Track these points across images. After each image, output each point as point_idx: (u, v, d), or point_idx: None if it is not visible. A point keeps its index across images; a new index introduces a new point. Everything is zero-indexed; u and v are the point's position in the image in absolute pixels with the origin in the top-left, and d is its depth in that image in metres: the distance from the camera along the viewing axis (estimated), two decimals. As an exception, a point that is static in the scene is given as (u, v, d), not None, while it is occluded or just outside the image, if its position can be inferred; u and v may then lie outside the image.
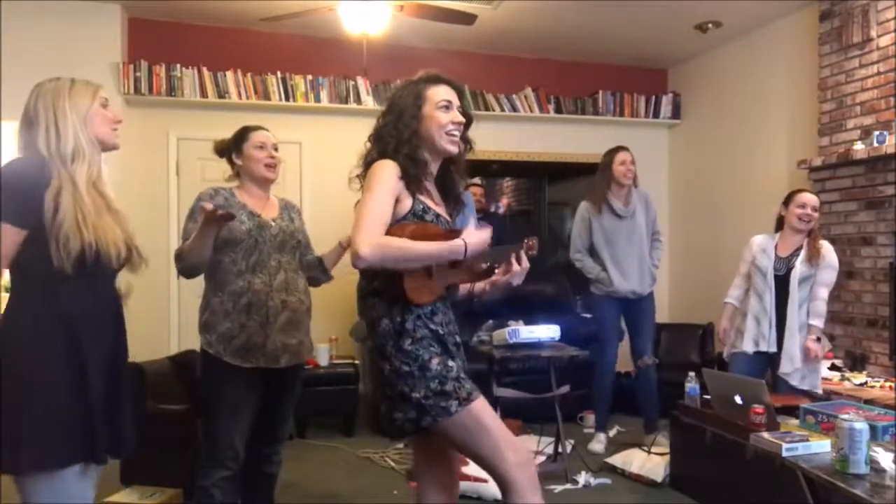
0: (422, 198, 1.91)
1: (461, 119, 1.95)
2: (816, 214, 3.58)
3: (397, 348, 1.85)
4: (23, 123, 1.85)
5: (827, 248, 3.56)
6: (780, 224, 3.70)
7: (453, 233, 1.91)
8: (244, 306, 2.54)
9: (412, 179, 1.88)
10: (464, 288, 2.08)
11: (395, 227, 1.84)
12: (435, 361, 1.84)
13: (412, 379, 1.83)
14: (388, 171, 1.85)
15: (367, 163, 1.94)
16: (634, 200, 4.35)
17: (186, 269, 2.52)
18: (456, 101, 1.96)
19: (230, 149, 2.70)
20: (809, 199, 3.58)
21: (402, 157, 1.88)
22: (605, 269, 4.29)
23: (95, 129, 1.87)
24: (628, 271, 4.27)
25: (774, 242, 3.64)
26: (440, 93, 1.94)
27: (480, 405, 1.85)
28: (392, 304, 1.87)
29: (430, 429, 1.84)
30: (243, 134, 2.70)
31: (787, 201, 3.65)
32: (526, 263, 1.95)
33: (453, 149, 1.95)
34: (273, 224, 2.64)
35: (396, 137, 1.90)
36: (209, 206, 2.29)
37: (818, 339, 3.52)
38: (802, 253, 3.53)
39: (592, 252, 4.36)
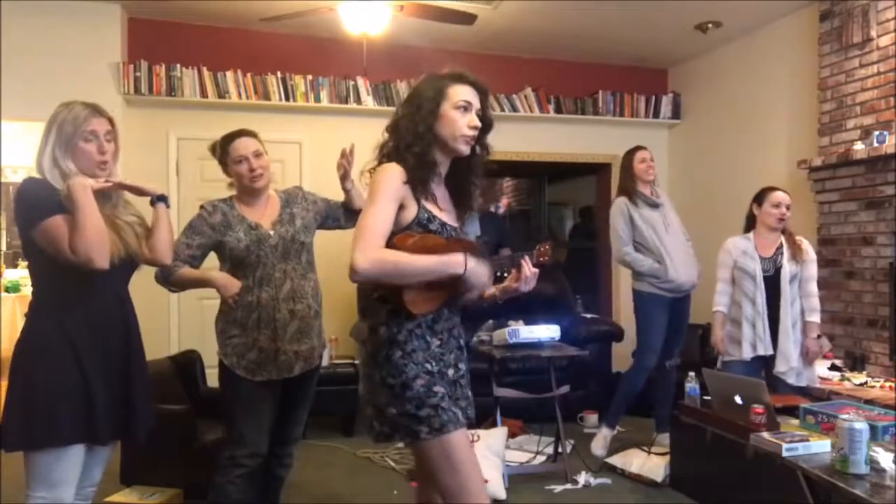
0: (427, 205, 1.86)
1: (477, 123, 1.90)
2: (789, 212, 3.60)
3: (386, 358, 1.84)
4: None
5: (806, 242, 3.64)
6: (750, 223, 3.70)
7: (457, 243, 1.86)
8: (255, 322, 2.57)
9: (419, 182, 1.84)
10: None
11: (397, 237, 1.80)
12: (419, 382, 1.80)
13: (392, 393, 1.81)
14: (390, 177, 1.81)
15: (382, 155, 1.91)
16: (660, 193, 4.34)
17: (167, 286, 2.60)
18: (476, 104, 1.91)
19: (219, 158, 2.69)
20: (783, 197, 3.61)
21: (411, 156, 1.84)
22: (658, 260, 4.10)
23: (77, 162, 2.03)
24: (678, 260, 4.14)
25: (752, 243, 3.62)
26: (461, 92, 1.89)
27: (455, 440, 1.80)
28: (391, 312, 1.85)
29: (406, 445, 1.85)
30: (225, 145, 2.64)
31: (760, 200, 3.65)
32: (533, 269, 1.92)
33: (465, 149, 1.90)
34: (272, 234, 2.61)
35: (412, 131, 1.86)
36: (231, 297, 2.55)
37: (818, 336, 3.52)
38: (786, 252, 3.55)
39: (637, 247, 4.17)
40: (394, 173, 1.82)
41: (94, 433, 2.01)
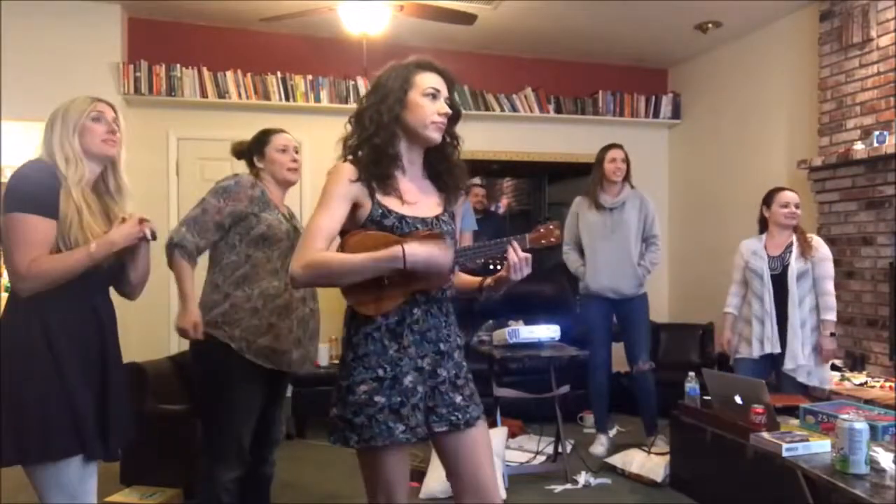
0: (384, 200, 1.78)
1: (447, 111, 1.83)
2: (799, 211, 3.62)
3: (342, 360, 1.84)
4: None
5: (817, 240, 3.64)
6: (764, 225, 3.72)
7: (409, 236, 1.75)
8: (278, 308, 2.48)
9: (373, 177, 1.78)
10: (468, 284, 1.96)
11: (345, 236, 1.77)
12: (362, 388, 1.75)
13: (338, 395, 1.80)
14: (336, 179, 1.77)
15: (346, 148, 1.85)
16: (625, 197, 4.30)
17: (167, 258, 2.51)
18: (444, 92, 1.84)
19: (251, 151, 2.68)
20: (791, 196, 3.63)
21: (369, 148, 1.78)
22: (584, 263, 4.32)
23: (84, 141, 2.00)
24: (603, 267, 4.24)
25: (763, 243, 3.65)
26: (428, 80, 1.83)
27: (379, 457, 1.79)
28: (351, 315, 1.83)
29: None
30: (265, 137, 2.67)
31: (769, 201, 3.67)
32: (522, 254, 1.78)
33: (436, 136, 1.83)
34: (301, 231, 2.63)
35: (376, 121, 1.79)
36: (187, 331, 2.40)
37: (832, 335, 3.52)
38: (795, 249, 3.55)
39: (580, 248, 4.37)
40: (340, 174, 1.78)
41: (85, 446, 1.90)
